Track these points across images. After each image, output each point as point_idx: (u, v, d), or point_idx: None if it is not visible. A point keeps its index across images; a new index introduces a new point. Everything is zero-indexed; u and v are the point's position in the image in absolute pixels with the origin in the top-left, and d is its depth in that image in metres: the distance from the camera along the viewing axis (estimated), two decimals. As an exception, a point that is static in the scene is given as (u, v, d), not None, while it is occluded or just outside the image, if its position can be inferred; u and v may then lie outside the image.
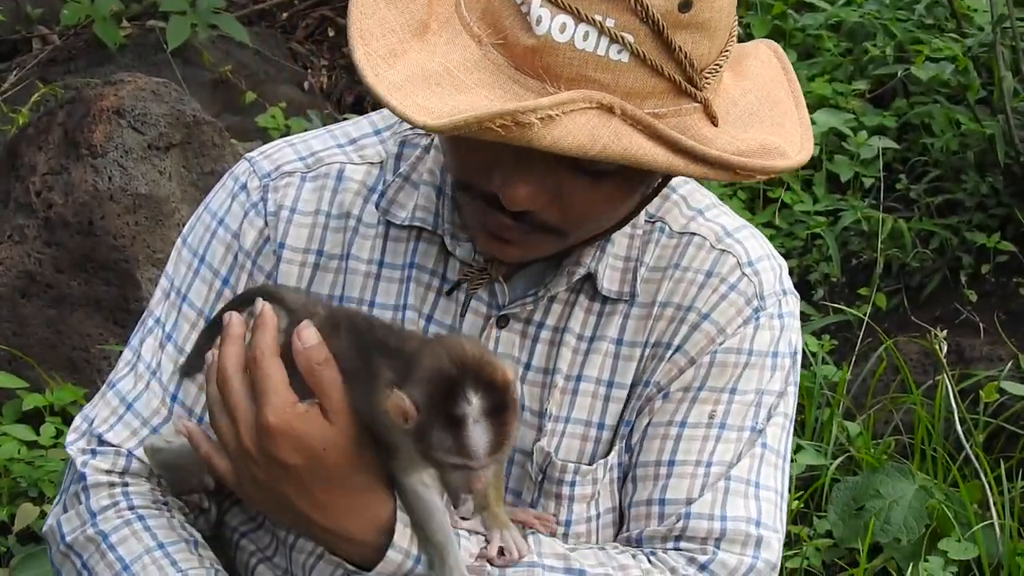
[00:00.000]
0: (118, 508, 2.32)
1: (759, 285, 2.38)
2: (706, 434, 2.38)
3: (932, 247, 4.27)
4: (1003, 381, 3.79)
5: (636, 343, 2.36)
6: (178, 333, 2.36)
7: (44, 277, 3.70)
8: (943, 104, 4.49)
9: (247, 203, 2.35)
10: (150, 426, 2.33)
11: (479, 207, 2.17)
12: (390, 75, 2.00)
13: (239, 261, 2.34)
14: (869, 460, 3.64)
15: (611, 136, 1.98)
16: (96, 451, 2.34)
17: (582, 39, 1.99)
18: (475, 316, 2.32)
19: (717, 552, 2.35)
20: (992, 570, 3.47)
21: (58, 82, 4.68)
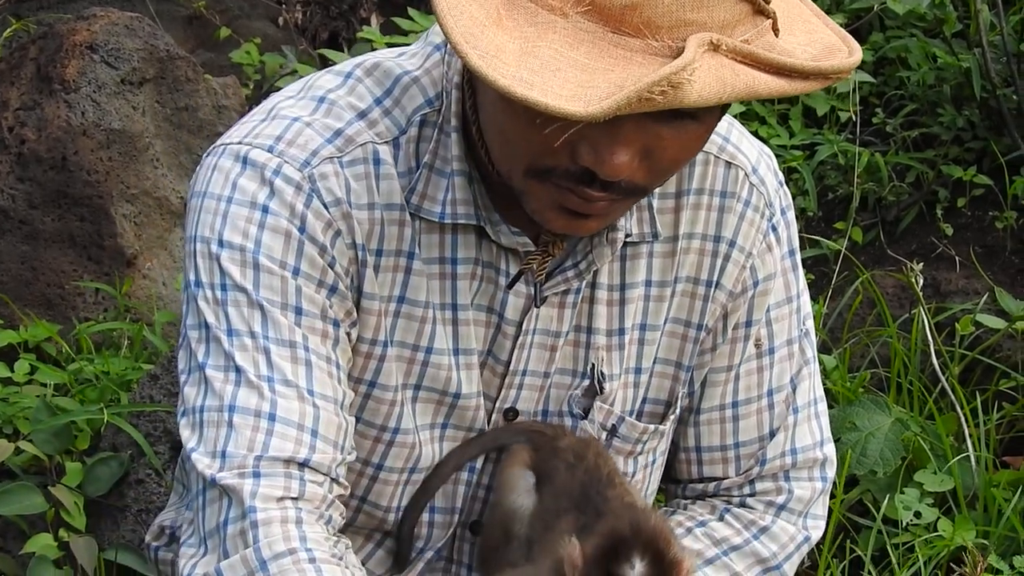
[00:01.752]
0: (296, 558, 2.09)
1: (766, 192, 2.39)
2: (759, 364, 2.43)
3: (908, 181, 4.27)
4: (979, 314, 3.80)
5: (666, 282, 2.36)
6: (275, 329, 2.15)
7: (17, 213, 3.69)
8: (919, 38, 4.48)
9: (293, 191, 2.17)
10: (308, 430, 2.13)
11: (555, 188, 2.07)
12: (512, 71, 1.89)
13: (306, 248, 2.16)
14: (845, 393, 3.65)
15: (732, 76, 1.93)
16: (260, 473, 2.11)
17: None
18: (516, 299, 2.28)
19: (792, 490, 2.47)
20: (968, 501, 3.49)
21: (30, 18, 4.66)
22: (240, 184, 2.14)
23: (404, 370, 2.24)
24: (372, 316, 2.20)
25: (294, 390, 2.12)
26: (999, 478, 3.52)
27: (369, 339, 2.21)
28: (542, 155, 2.02)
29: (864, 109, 4.36)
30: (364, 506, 2.31)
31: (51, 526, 3.19)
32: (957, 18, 4.44)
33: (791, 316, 2.42)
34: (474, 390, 2.27)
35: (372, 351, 2.22)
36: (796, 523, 2.47)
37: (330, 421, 2.13)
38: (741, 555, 2.44)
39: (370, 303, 2.19)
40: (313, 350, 2.14)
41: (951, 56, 4.39)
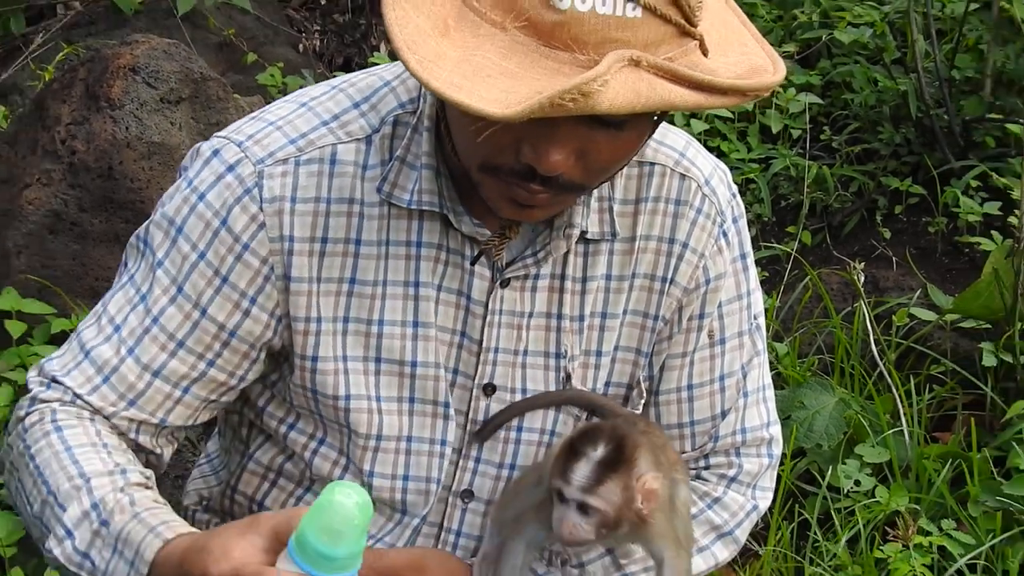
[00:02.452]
0: (43, 423, 2.18)
1: (717, 201, 2.38)
2: (712, 353, 2.42)
3: (851, 190, 4.29)
4: (913, 307, 3.82)
5: (624, 276, 2.34)
6: (149, 297, 2.21)
7: (69, 216, 3.70)
8: (862, 64, 4.50)
9: (239, 188, 2.20)
10: (103, 375, 2.20)
11: (504, 182, 2.09)
12: (446, 76, 1.92)
13: (221, 239, 2.19)
14: (795, 376, 3.67)
15: (648, 89, 1.94)
16: (50, 386, 2.21)
17: (601, 4, 1.94)
18: (480, 281, 2.27)
19: (742, 464, 2.47)
20: (901, 471, 3.51)
21: (80, 43, 4.67)
22: (201, 171, 2.20)
23: (362, 343, 2.24)
24: (302, 296, 2.21)
25: (119, 346, 2.20)
26: (929, 451, 3.55)
27: (303, 317, 2.22)
28: (491, 153, 2.05)
29: (813, 127, 4.38)
30: (347, 474, 2.32)
31: (98, 490, 3.19)
32: (896, 47, 4.47)
33: (741, 311, 2.42)
34: (431, 360, 2.26)
35: (308, 328, 2.23)
36: (745, 494, 2.48)
37: (139, 387, 2.20)
38: (697, 523, 2.44)
39: (299, 285, 2.20)
40: (169, 329, 2.20)
41: (890, 80, 4.41)
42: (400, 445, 2.29)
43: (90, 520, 2.08)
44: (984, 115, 4.28)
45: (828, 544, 3.39)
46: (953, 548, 3.34)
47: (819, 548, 3.39)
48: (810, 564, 3.35)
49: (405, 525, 2.35)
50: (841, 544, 3.36)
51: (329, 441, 2.30)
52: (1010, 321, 3.67)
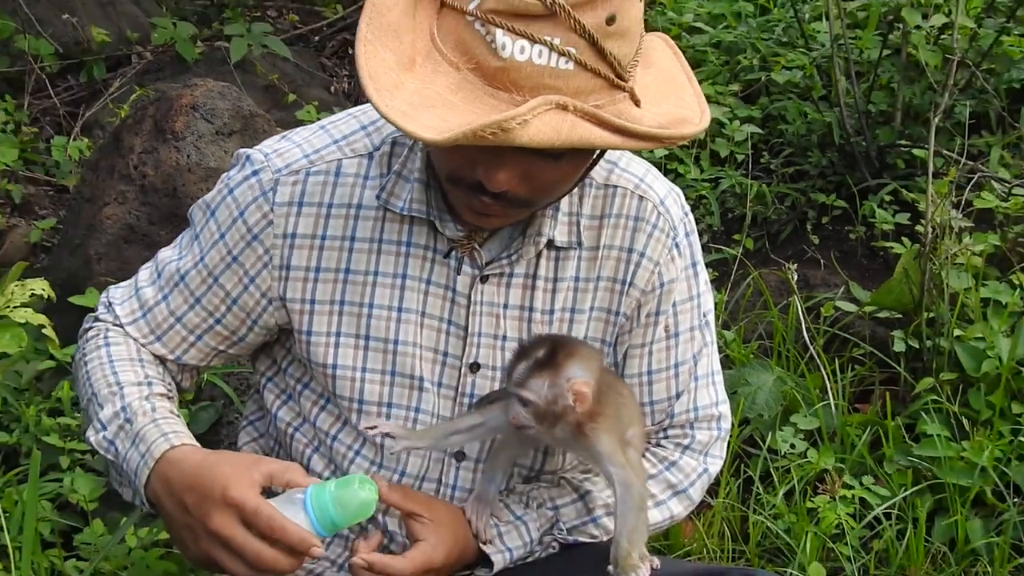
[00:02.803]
0: (97, 338, 2.33)
1: (671, 218, 2.38)
2: (667, 344, 2.42)
3: (786, 204, 4.27)
4: (837, 301, 3.80)
5: (590, 279, 2.34)
6: (184, 259, 2.32)
7: (141, 228, 3.68)
8: (795, 100, 4.48)
9: (258, 189, 2.26)
10: (142, 311, 2.33)
11: (465, 193, 2.13)
12: (396, 104, 1.95)
13: (237, 229, 2.27)
14: (740, 358, 3.65)
15: (569, 129, 1.94)
16: (108, 309, 2.36)
17: (537, 56, 1.94)
18: (464, 276, 2.28)
19: (694, 435, 2.47)
20: (828, 436, 3.50)
21: (150, 86, 4.64)
22: (235, 172, 2.29)
23: (354, 323, 2.27)
24: (299, 282, 2.27)
25: (157, 292, 2.33)
26: (851, 420, 3.53)
27: (299, 299, 2.28)
28: (454, 168, 2.10)
29: (754, 152, 4.35)
30: (344, 428, 2.34)
31: (165, 455, 3.17)
32: (822, 86, 4.46)
33: (692, 310, 2.42)
34: (410, 340, 2.27)
35: (303, 308, 2.27)
36: (697, 459, 2.46)
37: (164, 325, 2.33)
38: (656, 481, 2.43)
39: (297, 273, 2.26)
40: (191, 287, 2.30)
41: (817, 113, 4.39)
42: (381, 410, 2.30)
43: (119, 418, 2.20)
44: (895, 142, 4.26)
45: (768, 497, 3.36)
46: (871, 499, 3.33)
47: (761, 500, 3.37)
48: (753, 513, 3.33)
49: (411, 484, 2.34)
50: (779, 497, 3.35)
51: (332, 402, 2.35)
52: (917, 312, 3.66)
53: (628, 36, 2.01)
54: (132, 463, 2.16)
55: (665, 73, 2.17)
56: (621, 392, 2.25)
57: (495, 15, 1.95)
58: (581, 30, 1.95)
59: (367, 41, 2.00)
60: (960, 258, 3.65)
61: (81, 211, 3.80)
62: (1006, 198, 3.96)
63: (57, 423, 3.29)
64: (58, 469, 3.21)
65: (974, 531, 3.28)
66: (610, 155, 2.36)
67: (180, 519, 2.08)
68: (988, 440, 3.37)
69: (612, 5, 1.97)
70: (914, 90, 4.29)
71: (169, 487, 2.11)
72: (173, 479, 2.10)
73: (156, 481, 2.12)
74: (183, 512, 2.07)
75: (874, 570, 3.24)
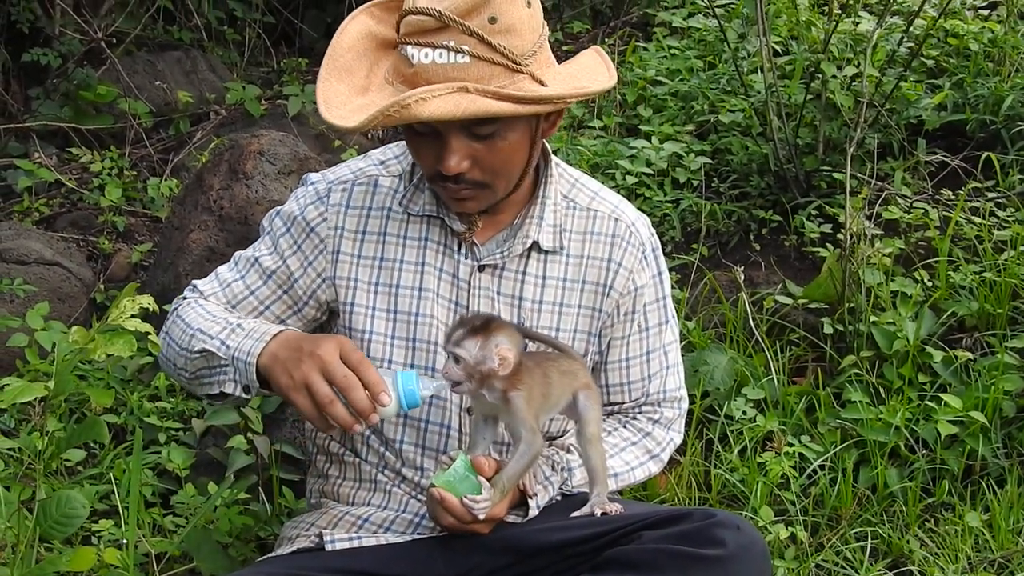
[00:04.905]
0: (187, 302, 2.34)
1: (640, 235, 2.39)
2: (640, 337, 2.41)
3: (733, 219, 4.21)
4: (776, 295, 3.75)
5: (576, 280, 2.33)
6: (258, 249, 2.36)
7: (219, 250, 3.64)
8: (738, 136, 4.43)
9: (315, 195, 2.34)
10: (222, 286, 2.34)
11: (441, 186, 2.19)
12: (336, 111, 2.09)
13: (299, 224, 2.33)
14: (700, 343, 3.60)
15: (469, 103, 2.01)
16: (193, 289, 2.38)
17: (439, 57, 2.04)
18: (465, 266, 2.30)
19: (663, 412, 2.46)
20: (773, 404, 3.45)
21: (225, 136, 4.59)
22: (300, 189, 2.37)
23: (386, 300, 2.29)
24: (345, 264, 2.31)
25: (238, 275, 2.36)
26: (790, 391, 3.48)
27: (345, 277, 2.31)
28: (426, 169, 2.20)
29: (707, 178, 4.31)
30: None
31: (243, 431, 3.14)
32: (759, 124, 4.40)
33: (659, 309, 2.43)
34: (428, 313, 2.29)
35: (348, 284, 2.31)
36: (665, 431, 2.47)
37: (240, 295, 2.34)
38: (637, 447, 2.42)
39: (344, 257, 2.30)
40: (263, 266, 2.34)
41: (756, 147, 4.34)
42: (405, 369, 2.28)
43: (229, 326, 2.21)
44: (818, 168, 4.22)
45: (726, 454, 3.30)
46: (809, 454, 3.27)
47: (720, 457, 3.31)
48: (714, 468, 3.27)
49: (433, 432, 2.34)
50: (735, 454, 3.29)
51: None
52: (840, 303, 3.61)
53: (515, 32, 2.08)
54: (245, 347, 2.15)
55: (585, 67, 2.23)
56: (548, 373, 2.20)
57: (407, 37, 2.07)
58: (469, 31, 2.04)
59: (324, 79, 2.14)
60: (873, 259, 3.63)
61: (172, 237, 3.75)
62: (908, 211, 3.94)
63: (155, 407, 3.27)
64: (157, 444, 3.19)
65: (891, 478, 3.23)
66: (589, 185, 2.38)
67: (289, 356, 2.08)
68: (900, 404, 3.32)
69: (491, 9, 2.06)
70: (832, 126, 4.25)
71: (286, 341, 2.13)
72: (290, 337, 2.14)
73: (272, 346, 2.13)
74: (294, 350, 2.08)
75: (812, 511, 3.18)
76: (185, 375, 2.28)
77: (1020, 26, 4.70)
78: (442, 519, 2.15)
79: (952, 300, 3.63)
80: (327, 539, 2.26)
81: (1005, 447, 3.30)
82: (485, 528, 2.17)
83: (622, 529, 2.15)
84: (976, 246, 3.77)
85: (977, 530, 3.07)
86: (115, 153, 4.81)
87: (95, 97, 4.99)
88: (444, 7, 2.04)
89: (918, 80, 4.51)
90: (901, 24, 4.61)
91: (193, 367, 2.24)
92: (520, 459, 2.13)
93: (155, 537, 2.84)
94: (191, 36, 5.66)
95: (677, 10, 5.34)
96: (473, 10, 2.04)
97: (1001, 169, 4.10)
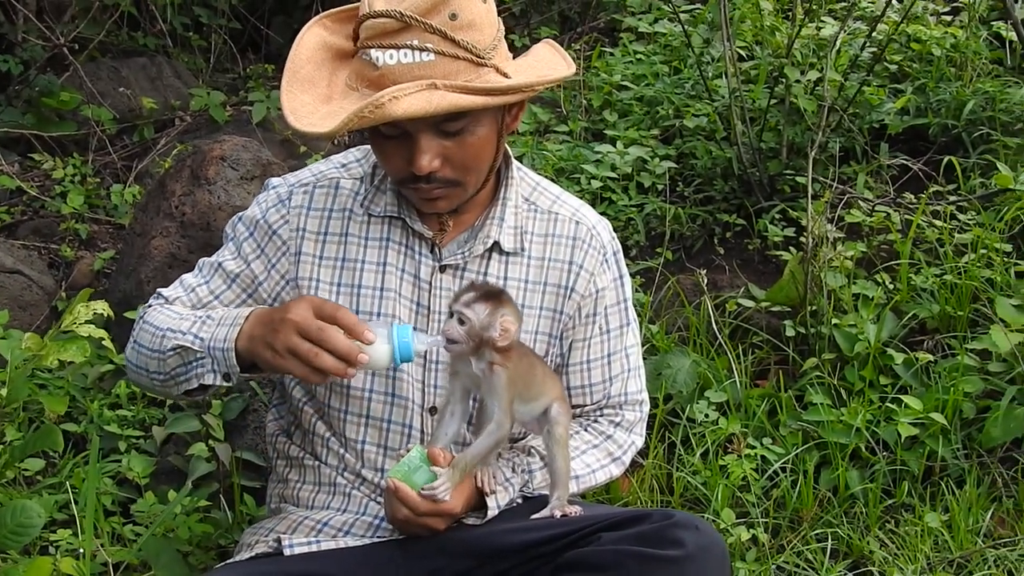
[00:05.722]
0: (153, 308, 2.33)
1: (601, 238, 2.41)
2: (602, 339, 2.42)
3: (697, 223, 4.22)
4: (739, 298, 3.77)
5: (538, 282, 2.34)
6: (222, 254, 2.36)
7: (181, 256, 3.63)
8: (702, 141, 4.44)
9: (277, 198, 2.35)
10: (186, 291, 2.34)
11: (412, 189, 2.20)
12: (306, 120, 2.10)
13: (261, 227, 2.34)
14: (664, 346, 3.61)
15: (439, 98, 2.03)
16: (158, 297, 2.36)
17: (404, 57, 2.06)
18: (427, 267, 2.31)
19: (624, 415, 2.46)
20: (735, 407, 3.46)
21: (188, 142, 4.59)
22: (262, 194, 2.39)
23: (348, 299, 2.31)
24: (307, 265, 2.32)
25: (202, 281, 2.35)
26: (752, 393, 3.49)
27: (307, 277, 2.32)
28: (395, 172, 2.22)
29: (671, 183, 4.32)
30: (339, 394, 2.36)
31: (204, 438, 3.13)
32: (723, 129, 4.42)
33: (620, 312, 2.44)
34: (389, 312, 2.30)
35: (310, 285, 2.32)
36: (627, 434, 2.47)
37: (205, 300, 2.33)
38: (599, 450, 2.43)
39: (306, 258, 2.31)
40: (227, 270, 2.34)
41: (720, 151, 4.36)
42: (368, 371, 2.30)
43: (200, 320, 2.22)
44: (782, 172, 4.24)
45: (688, 456, 3.32)
46: (770, 456, 3.30)
47: (682, 459, 3.32)
48: (676, 470, 3.29)
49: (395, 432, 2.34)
50: (697, 456, 3.30)
51: None
52: (803, 306, 3.63)
53: (476, 27, 2.11)
54: (220, 334, 2.16)
55: (541, 60, 2.27)
56: (534, 366, 2.23)
57: (368, 41, 2.09)
58: (432, 29, 2.06)
59: (287, 91, 2.15)
60: (835, 262, 3.65)
61: (134, 244, 3.74)
62: (870, 214, 3.97)
63: (116, 415, 3.25)
64: (118, 452, 3.17)
65: (852, 479, 3.25)
66: (552, 189, 2.40)
67: (266, 330, 2.09)
68: (861, 406, 3.34)
69: (451, 6, 2.09)
70: (796, 131, 4.28)
71: (258, 319, 2.14)
72: (261, 314, 2.15)
73: (246, 327, 2.14)
74: (268, 324, 2.09)
75: (774, 513, 3.20)
76: (159, 378, 2.26)
77: (982, 31, 4.75)
78: (397, 512, 2.15)
79: (913, 303, 3.66)
80: (285, 544, 2.26)
81: (965, 448, 3.33)
82: (440, 524, 2.17)
83: (582, 531, 2.16)
84: (937, 249, 3.80)
85: (936, 530, 3.10)
86: (78, 160, 4.80)
87: (58, 104, 4.97)
88: (404, 7, 2.07)
89: (881, 85, 4.54)
90: (864, 29, 4.65)
91: (167, 367, 2.23)
92: (486, 438, 2.14)
93: (115, 546, 2.83)
94: (156, 42, 5.65)
95: (643, 15, 5.37)
96: (433, 8, 2.08)
97: (962, 173, 4.14)
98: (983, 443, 3.29)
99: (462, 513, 2.21)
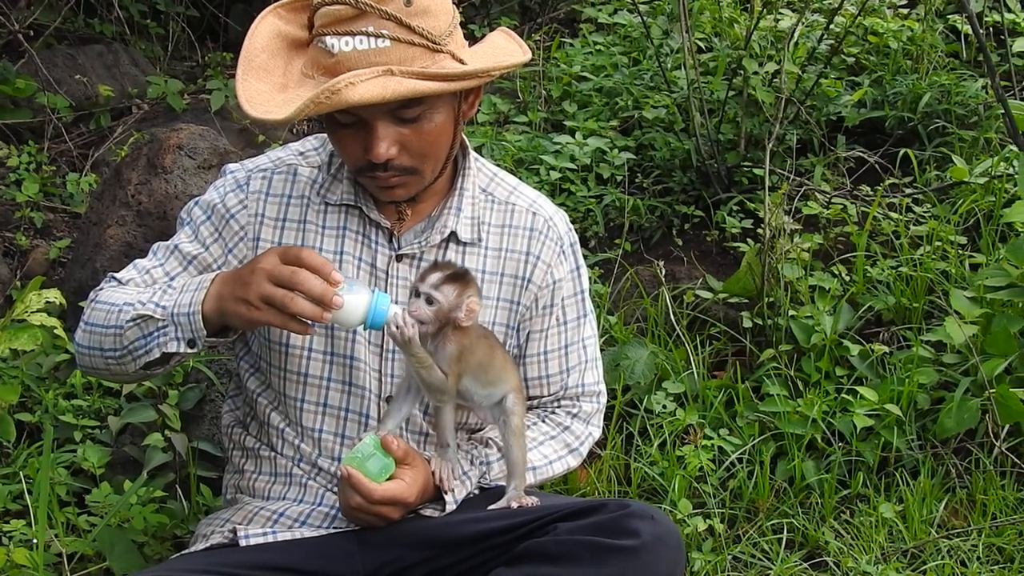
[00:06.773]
0: (104, 288, 2.30)
1: (558, 229, 2.41)
2: (559, 330, 2.42)
3: (656, 215, 4.24)
4: (697, 290, 3.78)
5: (495, 272, 2.34)
6: (178, 237, 2.33)
7: (137, 245, 3.60)
8: (661, 132, 4.46)
9: (235, 183, 2.34)
10: (141, 274, 2.29)
11: (369, 178, 2.19)
12: (261, 107, 2.09)
13: (219, 211, 2.32)
14: (622, 338, 3.62)
15: (396, 84, 2.03)
16: (110, 280, 2.32)
17: (359, 44, 2.06)
18: (383, 256, 2.30)
19: (581, 406, 2.47)
20: (693, 398, 3.48)
21: (145, 131, 4.55)
22: (219, 180, 2.37)
23: None
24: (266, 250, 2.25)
25: (157, 263, 2.31)
26: (710, 384, 3.51)
27: None
28: (352, 162, 2.21)
29: (630, 174, 4.33)
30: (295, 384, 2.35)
31: (160, 428, 3.11)
32: (682, 120, 4.44)
33: (577, 304, 2.44)
34: None
35: None
36: (584, 426, 2.47)
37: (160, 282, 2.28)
38: (556, 441, 2.43)
39: (265, 243, 2.30)
40: (184, 252, 2.31)
41: (679, 142, 4.37)
42: (326, 358, 2.31)
43: (161, 290, 2.20)
44: (740, 163, 4.26)
45: (646, 447, 3.33)
46: (727, 447, 3.31)
47: (640, 450, 3.33)
48: (634, 461, 3.30)
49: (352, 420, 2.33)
50: (654, 447, 3.31)
51: None
52: (760, 297, 3.65)
53: (431, 13, 2.12)
54: (184, 299, 2.13)
55: (496, 47, 2.28)
56: (495, 350, 2.23)
57: (323, 28, 2.09)
58: (387, 15, 2.06)
59: (243, 79, 2.14)
60: (792, 254, 3.67)
61: (90, 233, 3.71)
62: (827, 206, 4.00)
63: (71, 404, 3.22)
64: (73, 442, 3.14)
65: (808, 470, 3.27)
66: (507, 180, 2.40)
67: (235, 287, 2.08)
68: (817, 397, 3.37)
69: None
70: (754, 122, 4.30)
71: (224, 279, 2.12)
72: (226, 275, 2.14)
73: (213, 289, 2.12)
74: (236, 280, 2.09)
75: (730, 504, 3.22)
76: (115, 355, 2.21)
77: (938, 25, 4.79)
78: (350, 500, 2.15)
79: (869, 294, 3.69)
80: (241, 534, 2.25)
81: (919, 439, 3.36)
82: (394, 514, 2.17)
83: (538, 521, 2.17)
84: (893, 241, 3.84)
85: (891, 521, 3.13)
86: (33, 148, 4.74)
87: (13, 91, 4.91)
88: None
89: (838, 77, 4.58)
90: (822, 21, 4.67)
91: (125, 342, 2.17)
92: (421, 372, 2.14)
93: (69, 537, 2.81)
94: (113, 29, 5.59)
95: (603, 6, 5.38)
96: None
97: (918, 165, 4.18)
98: (937, 434, 3.32)
99: (417, 503, 2.21)
